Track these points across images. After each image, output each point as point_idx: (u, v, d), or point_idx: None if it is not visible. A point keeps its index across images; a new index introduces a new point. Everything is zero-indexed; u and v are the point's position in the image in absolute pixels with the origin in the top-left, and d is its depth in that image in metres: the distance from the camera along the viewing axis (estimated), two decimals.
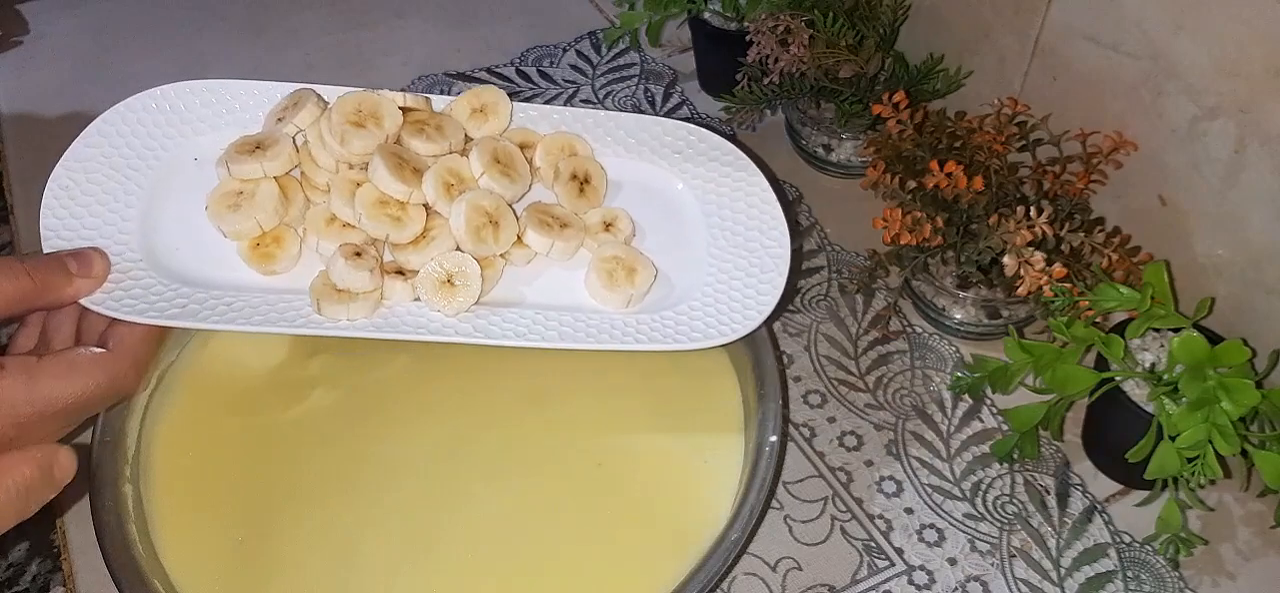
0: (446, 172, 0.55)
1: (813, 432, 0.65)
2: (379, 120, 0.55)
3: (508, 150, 0.58)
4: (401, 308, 0.55)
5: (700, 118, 0.87)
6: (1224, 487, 0.62)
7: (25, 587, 0.59)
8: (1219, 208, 0.63)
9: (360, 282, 0.52)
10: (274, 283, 0.55)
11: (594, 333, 0.56)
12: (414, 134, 0.57)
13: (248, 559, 0.55)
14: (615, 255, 0.58)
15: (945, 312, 0.69)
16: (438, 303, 0.54)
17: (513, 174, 0.57)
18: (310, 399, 0.61)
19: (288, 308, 0.53)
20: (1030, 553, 0.59)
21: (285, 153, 0.55)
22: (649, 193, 0.63)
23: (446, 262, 0.55)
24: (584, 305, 0.58)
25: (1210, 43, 0.60)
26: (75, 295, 0.51)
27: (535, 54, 0.94)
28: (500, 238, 0.56)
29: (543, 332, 0.55)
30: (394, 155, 0.54)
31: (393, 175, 0.54)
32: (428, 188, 0.55)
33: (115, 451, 0.56)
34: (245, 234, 0.54)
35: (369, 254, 0.53)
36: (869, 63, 0.74)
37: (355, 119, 0.55)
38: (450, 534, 0.56)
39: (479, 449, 0.59)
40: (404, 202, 0.54)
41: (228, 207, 0.54)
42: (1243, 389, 0.52)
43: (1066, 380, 0.58)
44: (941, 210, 0.63)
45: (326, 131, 0.55)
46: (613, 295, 0.57)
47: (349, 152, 0.54)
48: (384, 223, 0.54)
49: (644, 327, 0.57)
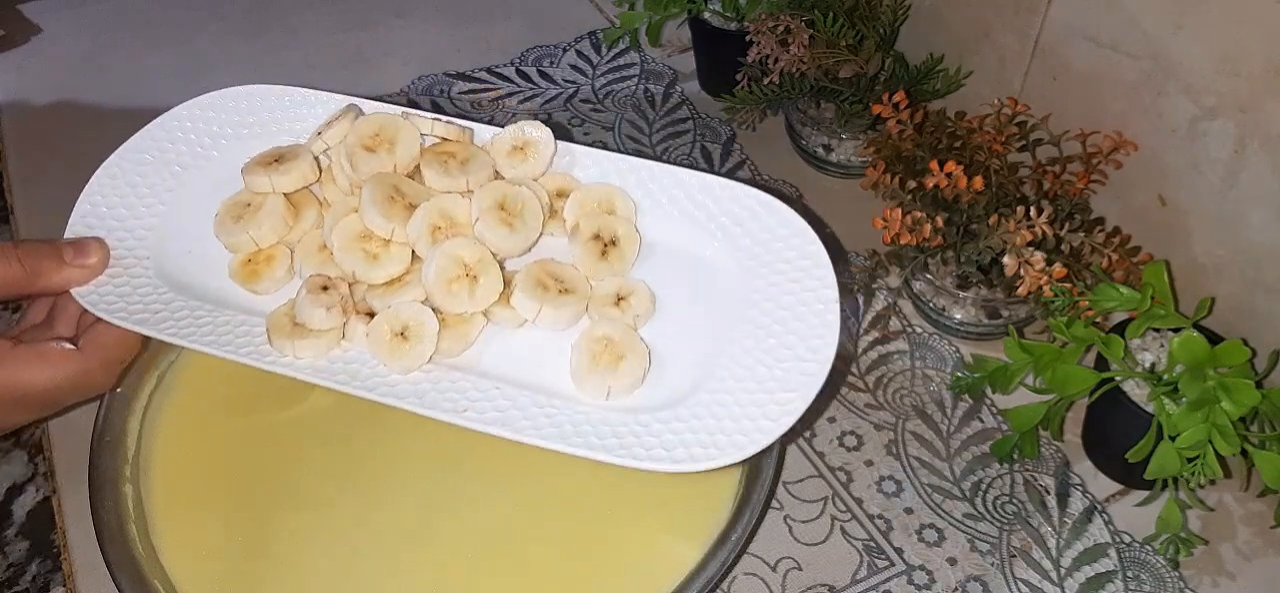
0: (438, 213, 0.50)
1: (813, 432, 0.65)
2: (393, 146, 0.51)
3: (518, 197, 0.51)
4: (353, 354, 0.50)
5: (763, 179, 0.79)
6: (1224, 487, 0.62)
7: (25, 587, 0.59)
8: (1219, 208, 0.63)
9: (316, 319, 0.48)
10: (256, 303, 0.52)
11: (543, 426, 0.48)
12: (435, 165, 0.51)
13: (247, 559, 0.55)
14: (607, 335, 0.50)
15: (945, 312, 0.69)
16: (384, 357, 0.49)
17: (515, 223, 0.50)
18: (310, 399, 0.61)
19: (243, 337, 0.50)
20: (1030, 553, 0.59)
21: (299, 170, 0.52)
22: (690, 266, 0.54)
23: (403, 313, 0.49)
24: (557, 390, 0.50)
25: (1210, 43, 0.60)
26: (66, 284, 0.51)
27: (535, 54, 0.94)
28: (476, 295, 0.50)
29: (485, 413, 0.48)
30: (388, 186, 0.50)
31: (378, 208, 0.49)
32: (413, 227, 0.50)
33: (115, 450, 0.56)
34: (241, 249, 0.52)
35: (336, 290, 0.49)
36: (869, 63, 0.74)
37: (370, 143, 0.51)
38: (449, 534, 0.56)
39: (478, 449, 0.59)
40: (386, 239, 0.50)
41: (232, 218, 0.52)
42: (1243, 389, 0.52)
43: (1066, 380, 0.58)
44: (941, 210, 0.63)
45: (343, 152, 0.52)
46: (590, 381, 0.49)
47: (358, 176, 0.51)
48: (357, 258, 0.49)
49: (609, 430, 0.48)
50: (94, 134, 0.82)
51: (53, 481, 0.62)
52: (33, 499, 0.63)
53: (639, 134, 0.85)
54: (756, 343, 0.50)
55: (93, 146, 0.66)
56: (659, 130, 0.86)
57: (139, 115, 0.63)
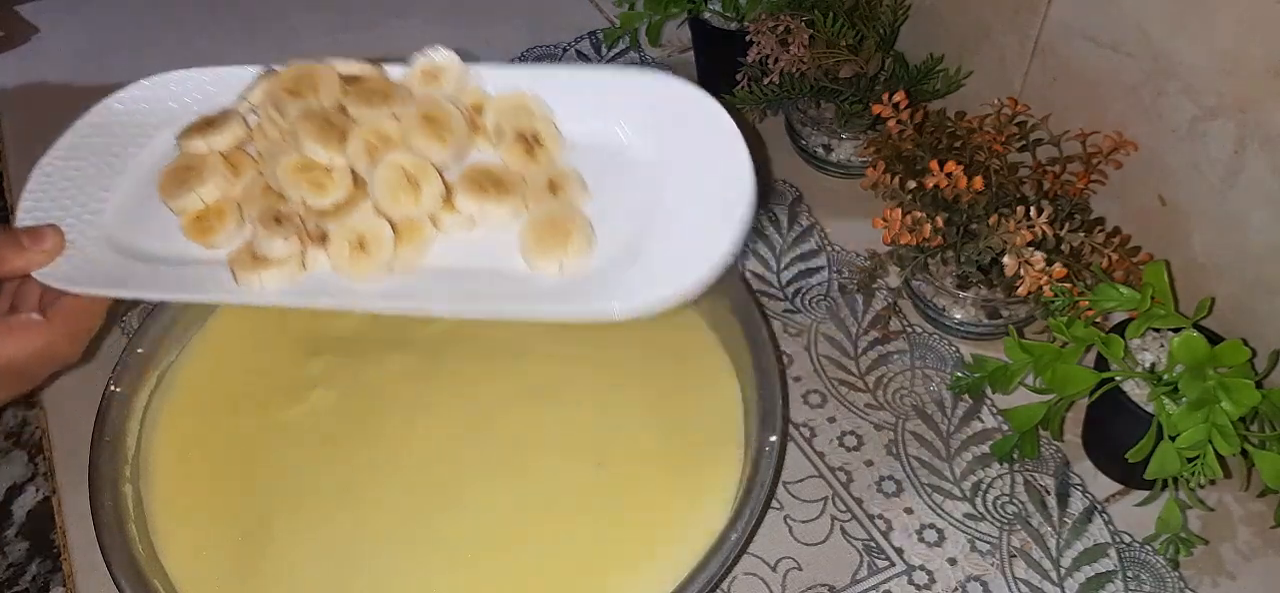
0: (372, 134, 0.53)
1: (813, 432, 0.65)
2: (316, 89, 0.54)
3: (442, 110, 0.54)
4: (320, 275, 0.52)
5: None
6: (1224, 487, 0.62)
7: (25, 587, 0.59)
8: (1219, 208, 0.63)
9: (275, 249, 0.51)
10: (215, 256, 0.54)
11: (515, 297, 0.51)
12: (359, 102, 0.54)
13: (247, 558, 0.55)
14: (548, 215, 0.53)
15: (945, 312, 0.69)
16: (347, 269, 0.52)
17: (445, 135, 0.53)
18: (310, 399, 0.61)
19: (210, 279, 0.52)
20: (1030, 553, 0.59)
21: (231, 128, 0.54)
22: (607, 150, 0.57)
23: (358, 224, 0.52)
24: (516, 272, 0.53)
25: (1210, 43, 0.60)
26: (27, 267, 0.53)
27: (535, 54, 0.94)
28: (422, 199, 0.53)
29: (455, 299, 0.52)
30: (321, 119, 0.53)
31: (315, 138, 0.52)
32: (351, 148, 0.53)
33: (115, 450, 0.56)
34: (190, 208, 0.53)
35: (290, 222, 0.51)
36: (869, 63, 0.74)
37: (293, 88, 0.54)
38: (449, 535, 0.56)
39: (478, 449, 0.59)
40: (328, 167, 0.52)
41: (176, 183, 0.53)
42: (1243, 389, 0.52)
43: (1066, 380, 0.58)
44: (941, 210, 0.63)
45: (273, 103, 0.54)
46: (544, 260, 0.52)
47: (285, 121, 0.53)
48: (303, 188, 0.52)
49: (566, 292, 0.51)
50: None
51: (53, 481, 0.62)
52: (33, 499, 0.63)
53: None
54: (681, 194, 0.54)
55: None
56: None
57: None
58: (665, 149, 0.56)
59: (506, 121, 0.55)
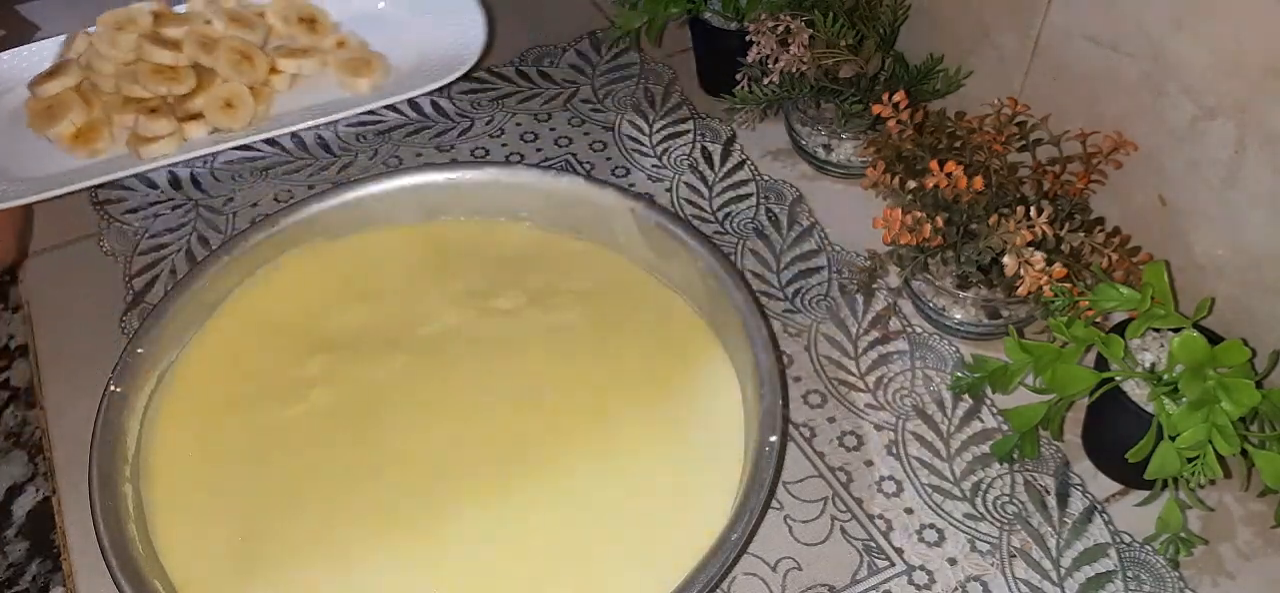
0: (199, 35, 0.74)
1: (813, 432, 0.65)
2: (135, 23, 0.73)
3: (242, 10, 0.77)
4: (198, 138, 0.75)
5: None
6: (1224, 487, 0.62)
7: (25, 586, 0.59)
8: (1219, 208, 0.63)
9: (161, 127, 0.69)
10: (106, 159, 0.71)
11: (351, 103, 0.78)
12: (167, 26, 0.75)
13: (247, 559, 0.55)
14: (350, 55, 0.82)
15: (945, 312, 0.69)
16: (224, 122, 0.75)
17: (250, 24, 0.77)
18: (310, 399, 0.61)
19: (114, 163, 0.70)
20: (1030, 553, 0.59)
21: (73, 69, 0.73)
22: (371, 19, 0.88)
23: (222, 91, 0.75)
24: (340, 97, 0.81)
25: (1210, 43, 0.60)
26: None
27: (535, 54, 0.94)
28: (257, 67, 0.77)
29: (301, 118, 0.76)
30: (157, 35, 0.73)
31: (161, 47, 0.71)
32: (189, 47, 0.73)
33: (115, 450, 0.56)
34: (66, 133, 0.69)
35: (162, 110, 0.70)
36: (869, 63, 0.74)
37: (117, 26, 0.73)
38: (450, 534, 0.56)
39: (478, 449, 0.59)
40: (175, 66, 0.72)
41: (44, 116, 0.69)
42: (1243, 389, 0.52)
43: (1066, 380, 0.58)
44: (941, 210, 0.63)
45: (101, 43, 0.73)
46: (359, 83, 0.80)
47: (120, 51, 0.72)
48: (164, 84, 0.71)
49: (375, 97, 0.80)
50: None
51: (53, 480, 0.62)
52: (33, 499, 0.63)
53: (639, 134, 0.85)
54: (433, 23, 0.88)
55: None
56: (659, 130, 0.86)
57: None
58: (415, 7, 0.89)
59: (288, 10, 0.81)
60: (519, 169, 0.71)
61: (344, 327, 0.65)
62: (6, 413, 0.68)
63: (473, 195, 0.70)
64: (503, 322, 0.66)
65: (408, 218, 0.71)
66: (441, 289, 0.67)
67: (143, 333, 0.61)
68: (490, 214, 0.71)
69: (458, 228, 0.71)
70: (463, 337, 0.65)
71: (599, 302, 0.67)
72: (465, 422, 0.61)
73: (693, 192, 0.80)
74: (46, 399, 0.66)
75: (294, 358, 0.63)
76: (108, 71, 0.73)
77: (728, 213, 0.79)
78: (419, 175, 0.70)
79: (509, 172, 0.71)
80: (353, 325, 0.66)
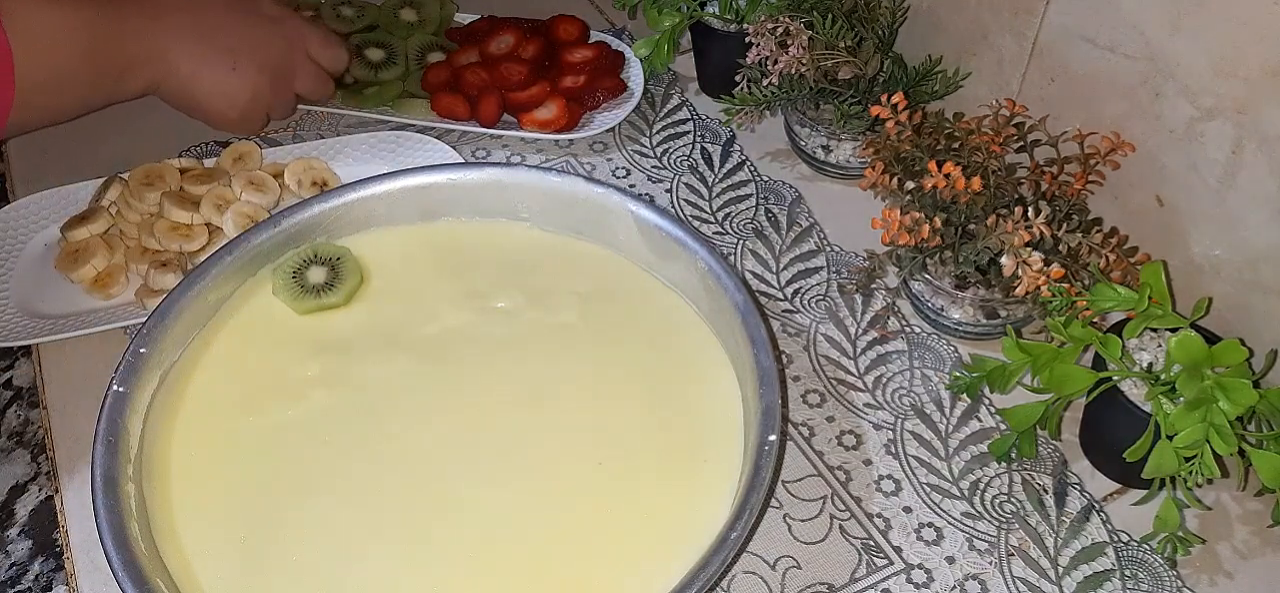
0: (216, 197, 0.74)
1: (812, 431, 0.65)
2: (164, 179, 0.75)
3: (260, 175, 0.76)
4: None
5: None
6: (1221, 486, 0.62)
7: (28, 586, 0.59)
8: (1216, 208, 0.63)
9: (168, 282, 0.67)
10: (114, 303, 0.71)
11: None
12: (192, 183, 0.75)
13: (249, 558, 0.55)
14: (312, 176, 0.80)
15: (943, 312, 0.69)
16: None
17: (265, 190, 0.76)
18: (311, 399, 0.62)
19: (127, 312, 0.70)
20: (1028, 552, 0.59)
21: (102, 217, 0.74)
22: None
23: None
24: None
25: (1208, 44, 0.60)
26: None
27: None
28: None
29: None
30: (177, 194, 0.74)
31: (178, 206, 0.73)
32: (205, 209, 0.73)
33: (117, 450, 0.56)
34: (87, 276, 0.71)
35: (173, 264, 0.71)
36: (868, 64, 0.75)
37: (146, 182, 0.74)
38: (451, 534, 0.56)
39: (479, 449, 0.60)
40: (190, 224, 0.73)
41: (71, 261, 0.71)
42: (1240, 389, 0.52)
43: (1064, 380, 0.58)
44: (939, 211, 0.64)
45: (130, 195, 0.74)
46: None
47: (146, 205, 0.73)
48: (177, 240, 0.72)
49: None
50: (94, 135, 0.82)
51: (55, 480, 0.62)
52: (35, 499, 0.63)
53: (639, 135, 0.85)
54: None
55: (92, 147, 0.80)
56: (659, 131, 0.86)
57: (138, 113, 0.79)
58: None
59: (303, 175, 0.79)
60: (519, 170, 0.71)
61: (345, 327, 0.66)
62: (9, 413, 0.68)
63: (473, 196, 0.71)
64: (503, 322, 0.66)
65: (408, 218, 0.71)
66: (442, 290, 0.68)
67: (145, 332, 0.61)
68: (491, 215, 0.71)
69: (458, 228, 0.71)
70: (463, 337, 0.65)
71: (599, 302, 0.67)
72: (466, 421, 0.61)
73: (692, 192, 0.81)
74: (49, 399, 0.66)
75: (295, 358, 0.64)
76: (133, 220, 0.75)
77: (727, 213, 0.79)
78: (419, 176, 0.70)
79: (509, 172, 0.71)
80: (353, 326, 0.66)
